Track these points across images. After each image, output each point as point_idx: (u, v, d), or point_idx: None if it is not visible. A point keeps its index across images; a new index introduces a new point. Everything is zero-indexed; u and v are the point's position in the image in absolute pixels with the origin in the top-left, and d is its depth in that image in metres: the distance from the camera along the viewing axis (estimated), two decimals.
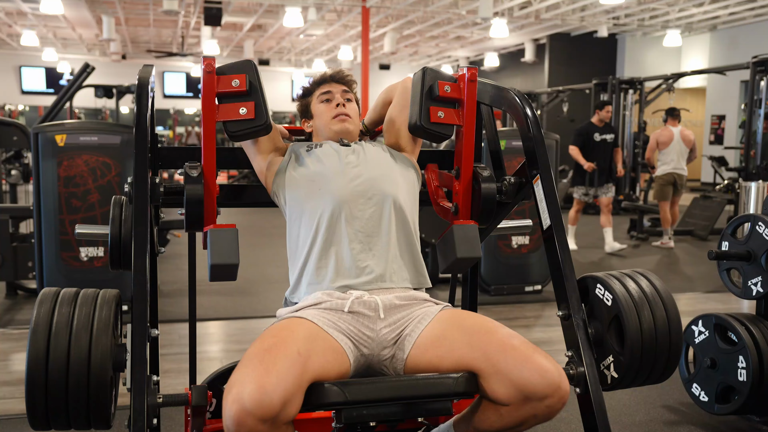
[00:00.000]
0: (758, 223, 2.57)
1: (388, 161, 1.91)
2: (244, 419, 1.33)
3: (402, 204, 1.83)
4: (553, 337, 3.96)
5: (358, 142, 1.96)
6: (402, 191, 1.86)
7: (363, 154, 1.90)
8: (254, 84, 1.76)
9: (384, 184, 1.84)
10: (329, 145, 1.92)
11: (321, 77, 2.06)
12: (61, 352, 1.41)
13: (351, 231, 1.76)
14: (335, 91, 2.01)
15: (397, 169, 1.91)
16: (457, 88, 1.90)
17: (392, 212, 1.81)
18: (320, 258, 1.76)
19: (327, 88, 2.02)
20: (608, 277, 1.72)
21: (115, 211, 1.85)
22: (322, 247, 1.76)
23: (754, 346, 2.47)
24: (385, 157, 1.92)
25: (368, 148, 1.94)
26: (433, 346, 1.61)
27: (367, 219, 1.78)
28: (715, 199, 8.31)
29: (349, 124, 1.98)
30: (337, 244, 1.75)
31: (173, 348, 3.65)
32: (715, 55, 15.00)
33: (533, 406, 1.48)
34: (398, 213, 1.82)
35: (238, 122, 1.75)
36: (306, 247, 1.78)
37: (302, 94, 2.09)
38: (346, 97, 2.01)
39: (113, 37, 14.06)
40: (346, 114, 1.97)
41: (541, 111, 13.23)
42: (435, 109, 1.86)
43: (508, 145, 4.73)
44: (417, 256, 1.84)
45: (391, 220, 1.80)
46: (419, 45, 18.40)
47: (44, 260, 4.18)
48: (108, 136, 4.22)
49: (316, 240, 1.77)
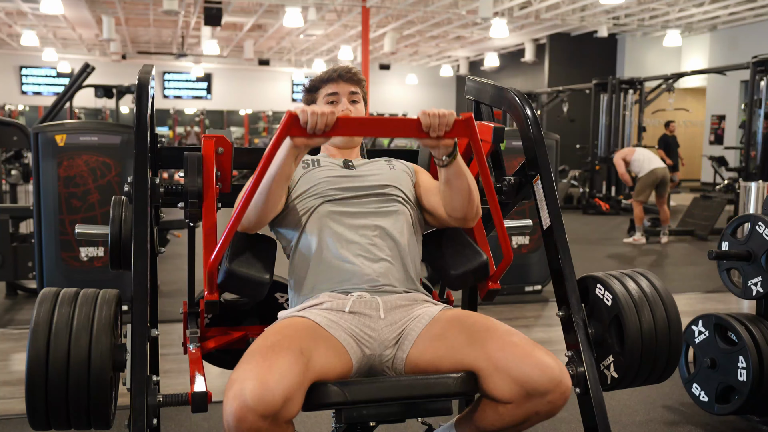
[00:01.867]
0: (758, 223, 2.57)
1: (389, 173, 1.90)
2: (245, 415, 1.32)
3: (403, 210, 1.83)
4: (553, 337, 3.96)
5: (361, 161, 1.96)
6: (402, 197, 1.86)
7: (364, 170, 1.90)
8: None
9: (385, 191, 1.84)
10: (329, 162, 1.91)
11: (329, 74, 1.99)
12: (61, 352, 1.41)
13: (350, 236, 1.76)
14: (342, 92, 1.96)
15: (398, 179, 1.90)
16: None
17: (394, 219, 1.81)
18: (320, 263, 1.75)
19: (334, 89, 1.96)
20: (608, 277, 1.72)
21: (115, 211, 1.85)
22: (322, 250, 1.75)
23: (754, 346, 2.47)
24: (386, 169, 1.92)
25: (370, 165, 1.93)
26: (433, 346, 1.61)
27: (368, 223, 1.78)
28: (715, 199, 8.31)
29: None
30: (337, 248, 1.75)
31: (173, 348, 3.65)
32: (715, 55, 15.00)
33: (535, 402, 1.47)
34: (399, 220, 1.82)
35: None
36: (306, 252, 1.77)
37: (308, 88, 2.03)
38: (353, 98, 1.97)
39: (113, 37, 14.06)
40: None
41: (541, 111, 13.24)
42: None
43: (508, 145, 4.73)
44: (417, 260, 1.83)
45: (390, 225, 1.80)
46: (419, 45, 18.41)
47: (44, 260, 4.17)
48: (108, 136, 4.22)
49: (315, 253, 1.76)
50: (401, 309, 1.70)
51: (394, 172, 1.92)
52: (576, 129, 13.25)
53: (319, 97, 1.99)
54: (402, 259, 1.78)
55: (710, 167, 12.19)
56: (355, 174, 1.88)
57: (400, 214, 1.83)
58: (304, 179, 1.85)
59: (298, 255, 1.80)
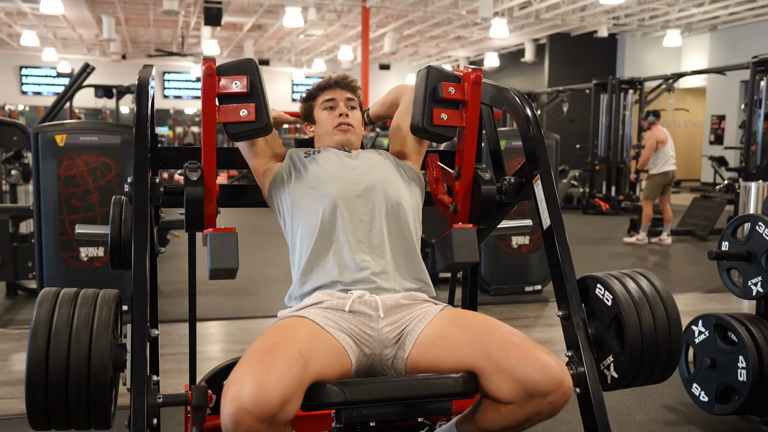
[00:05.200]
0: (758, 223, 2.57)
1: (390, 167, 1.91)
2: (242, 418, 1.32)
3: (403, 208, 1.83)
4: (553, 337, 3.96)
5: (360, 151, 1.97)
6: (403, 196, 1.86)
7: (364, 159, 1.90)
8: (255, 85, 1.75)
9: (384, 187, 1.84)
10: (329, 151, 1.93)
11: (326, 82, 2.04)
12: (61, 352, 1.41)
13: (351, 233, 1.76)
14: (339, 98, 1.99)
15: (399, 175, 1.91)
16: (461, 90, 1.88)
17: (393, 216, 1.81)
18: (320, 260, 1.75)
19: (331, 95, 2.00)
20: (608, 277, 1.72)
21: (115, 211, 1.85)
22: (322, 249, 1.76)
23: (754, 346, 2.47)
24: (387, 164, 1.92)
25: (370, 155, 1.94)
26: (434, 346, 1.61)
27: (368, 222, 1.78)
28: (715, 199, 8.31)
29: (351, 135, 1.98)
30: (338, 246, 1.75)
31: (173, 348, 3.66)
32: (715, 55, 15.00)
33: (537, 402, 1.47)
34: (399, 217, 1.82)
35: (238, 124, 1.74)
36: (307, 250, 1.78)
37: (306, 97, 2.08)
38: (350, 105, 2.00)
39: (113, 37, 14.07)
40: (348, 124, 1.97)
41: (541, 111, 13.24)
42: (438, 111, 1.85)
43: (508, 145, 4.73)
44: (417, 260, 1.83)
45: (391, 223, 1.80)
46: (419, 45, 18.41)
47: (44, 260, 4.17)
48: (108, 136, 4.22)
49: (317, 242, 1.76)
50: (401, 308, 1.70)
51: (389, 157, 1.97)
52: (576, 129, 13.25)
53: (317, 105, 2.03)
54: (409, 255, 1.80)
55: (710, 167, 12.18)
56: (355, 160, 1.90)
57: (404, 200, 1.84)
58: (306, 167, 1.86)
59: (300, 245, 1.80)
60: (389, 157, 1.98)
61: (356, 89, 2.04)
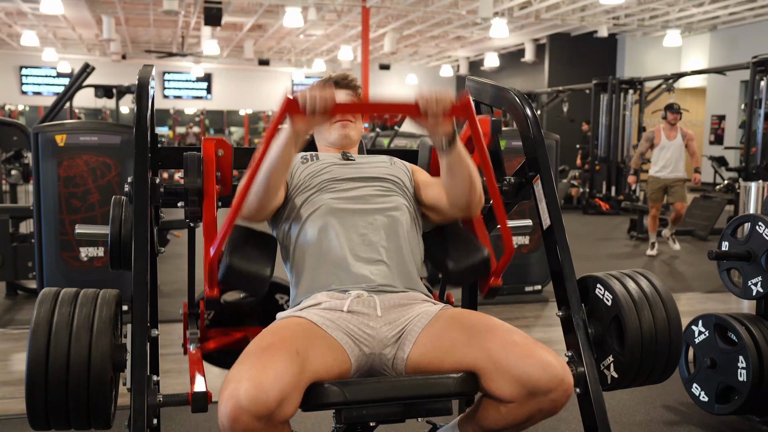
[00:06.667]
0: (758, 223, 2.57)
1: (389, 173, 1.91)
2: (239, 416, 1.32)
3: (401, 213, 1.83)
4: (553, 337, 3.95)
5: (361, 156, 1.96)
6: (401, 201, 1.86)
7: (363, 162, 1.90)
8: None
9: (384, 183, 1.84)
10: (328, 156, 1.92)
11: (326, 82, 2.03)
12: (61, 352, 1.41)
13: (346, 240, 1.75)
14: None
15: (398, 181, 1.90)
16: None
17: (391, 222, 1.81)
18: (318, 269, 1.75)
19: None
20: (608, 277, 1.72)
21: (115, 211, 1.85)
22: (319, 257, 1.75)
23: (754, 346, 2.47)
24: (387, 170, 1.92)
25: (370, 158, 1.93)
26: (434, 346, 1.61)
27: (365, 227, 1.78)
28: (715, 199, 8.31)
29: (351, 129, 1.98)
30: (335, 253, 1.74)
31: (173, 348, 3.65)
32: (715, 55, 15.01)
33: (538, 400, 1.47)
34: (397, 222, 1.81)
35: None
36: (302, 259, 1.77)
37: None
38: None
39: (113, 37, 14.07)
40: (348, 119, 1.97)
41: (541, 111, 13.24)
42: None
43: (508, 145, 4.73)
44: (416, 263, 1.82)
45: (389, 230, 1.79)
46: (419, 45, 18.41)
47: (44, 260, 4.17)
48: (108, 136, 4.22)
49: (314, 251, 1.76)
50: (400, 308, 1.70)
51: (394, 167, 1.94)
52: (576, 129, 13.25)
53: None
54: (403, 256, 1.78)
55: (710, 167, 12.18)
56: (355, 165, 1.89)
57: (401, 208, 1.84)
58: (303, 172, 1.86)
59: (297, 251, 1.80)
60: (395, 163, 1.96)
61: (356, 88, 2.04)
